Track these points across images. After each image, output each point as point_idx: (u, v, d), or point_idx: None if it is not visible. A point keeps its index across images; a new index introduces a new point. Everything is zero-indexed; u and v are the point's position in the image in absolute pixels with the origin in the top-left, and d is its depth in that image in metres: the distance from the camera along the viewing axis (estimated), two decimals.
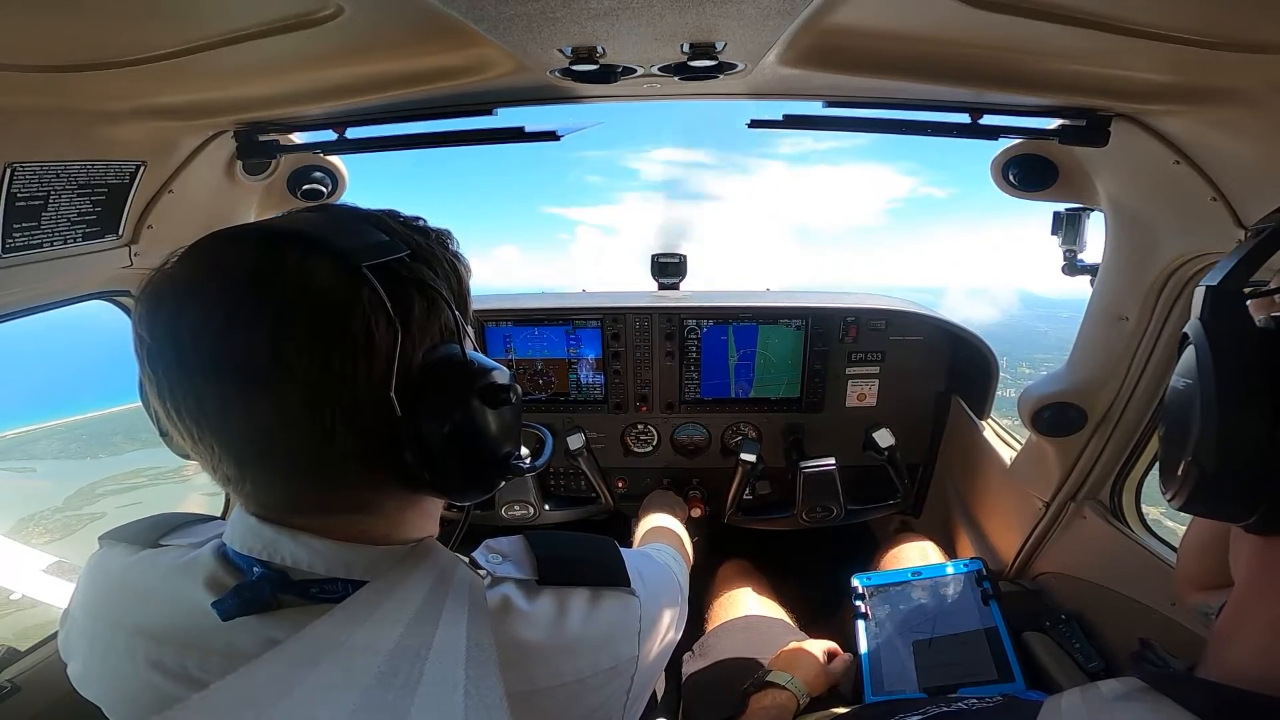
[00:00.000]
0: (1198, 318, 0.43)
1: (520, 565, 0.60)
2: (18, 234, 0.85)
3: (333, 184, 1.40)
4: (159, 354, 0.47)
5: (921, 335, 1.61)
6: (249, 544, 0.51)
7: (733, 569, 1.64)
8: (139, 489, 4.52)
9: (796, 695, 1.05)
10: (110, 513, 4.19)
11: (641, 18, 0.70)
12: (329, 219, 0.52)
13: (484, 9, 0.65)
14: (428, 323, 0.51)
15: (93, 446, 4.97)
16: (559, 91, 1.01)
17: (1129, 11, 0.64)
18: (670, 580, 0.80)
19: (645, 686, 0.67)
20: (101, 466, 4.82)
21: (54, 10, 0.61)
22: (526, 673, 0.54)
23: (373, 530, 0.54)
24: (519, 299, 1.75)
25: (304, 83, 0.92)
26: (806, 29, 0.74)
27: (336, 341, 0.46)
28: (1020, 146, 1.19)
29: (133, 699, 0.53)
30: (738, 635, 1.37)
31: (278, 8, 0.66)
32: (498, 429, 0.54)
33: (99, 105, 0.87)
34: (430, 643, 0.47)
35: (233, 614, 0.48)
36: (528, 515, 1.72)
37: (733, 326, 1.61)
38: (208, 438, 0.47)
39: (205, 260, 0.48)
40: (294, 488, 0.50)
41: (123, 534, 0.61)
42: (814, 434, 1.68)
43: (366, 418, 0.47)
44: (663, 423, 1.70)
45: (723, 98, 1.12)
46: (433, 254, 0.54)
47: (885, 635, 1.21)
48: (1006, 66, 0.83)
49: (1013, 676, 1.10)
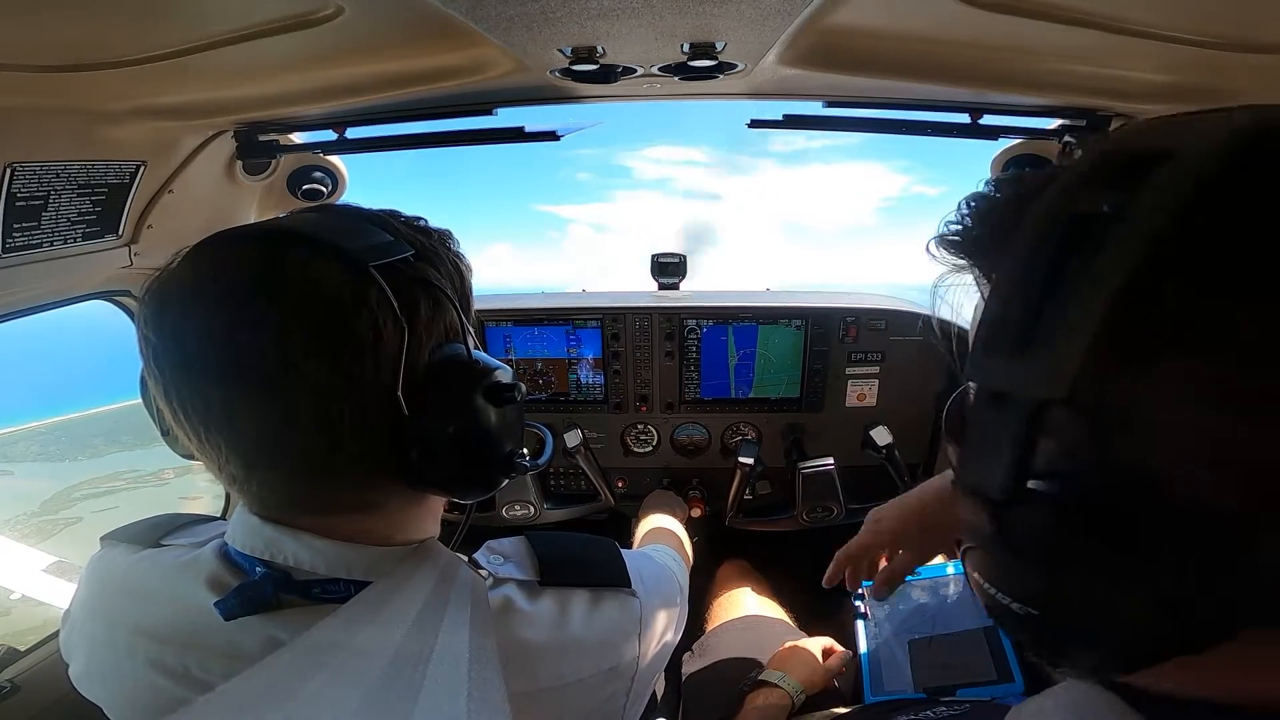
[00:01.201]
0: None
1: (521, 566, 0.61)
2: (18, 234, 0.85)
3: (333, 184, 1.40)
4: (165, 355, 0.47)
5: (921, 335, 1.61)
6: (251, 544, 0.51)
7: (732, 569, 1.64)
8: (116, 493, 4.48)
9: (791, 694, 1.05)
10: (86, 517, 4.15)
11: (641, 18, 0.70)
12: (333, 219, 0.52)
13: (484, 9, 0.65)
14: (433, 322, 0.51)
15: (72, 449, 4.93)
16: (559, 91, 1.01)
17: (1129, 11, 0.64)
18: (670, 581, 0.80)
19: (645, 686, 0.67)
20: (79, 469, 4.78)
21: (54, 10, 0.61)
22: (528, 673, 0.54)
23: (375, 530, 0.54)
24: (519, 299, 1.75)
25: (304, 83, 0.92)
26: (806, 29, 0.74)
27: (344, 342, 0.46)
28: (1020, 146, 1.20)
29: (133, 699, 0.53)
30: (737, 635, 1.37)
31: (278, 8, 0.66)
32: (502, 427, 0.54)
33: (99, 105, 0.87)
34: (433, 645, 0.47)
35: (235, 613, 0.48)
36: (528, 515, 1.72)
37: (733, 326, 1.61)
38: (214, 438, 0.47)
39: (211, 261, 0.48)
40: (298, 487, 0.50)
41: (124, 534, 0.61)
42: (814, 434, 1.68)
43: (373, 417, 0.48)
44: (663, 423, 1.70)
45: (723, 98, 1.12)
46: (436, 254, 0.54)
47: (884, 635, 1.21)
48: (1006, 66, 0.83)
49: (1012, 676, 1.10)
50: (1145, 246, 0.25)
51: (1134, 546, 0.26)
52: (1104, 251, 0.25)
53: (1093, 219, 0.27)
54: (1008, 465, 0.28)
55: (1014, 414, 0.28)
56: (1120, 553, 0.26)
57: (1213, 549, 0.25)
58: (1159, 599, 0.26)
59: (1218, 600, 0.26)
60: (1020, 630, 0.32)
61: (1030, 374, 0.27)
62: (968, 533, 0.33)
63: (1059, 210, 0.29)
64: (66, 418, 5.20)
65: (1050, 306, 0.27)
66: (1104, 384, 0.26)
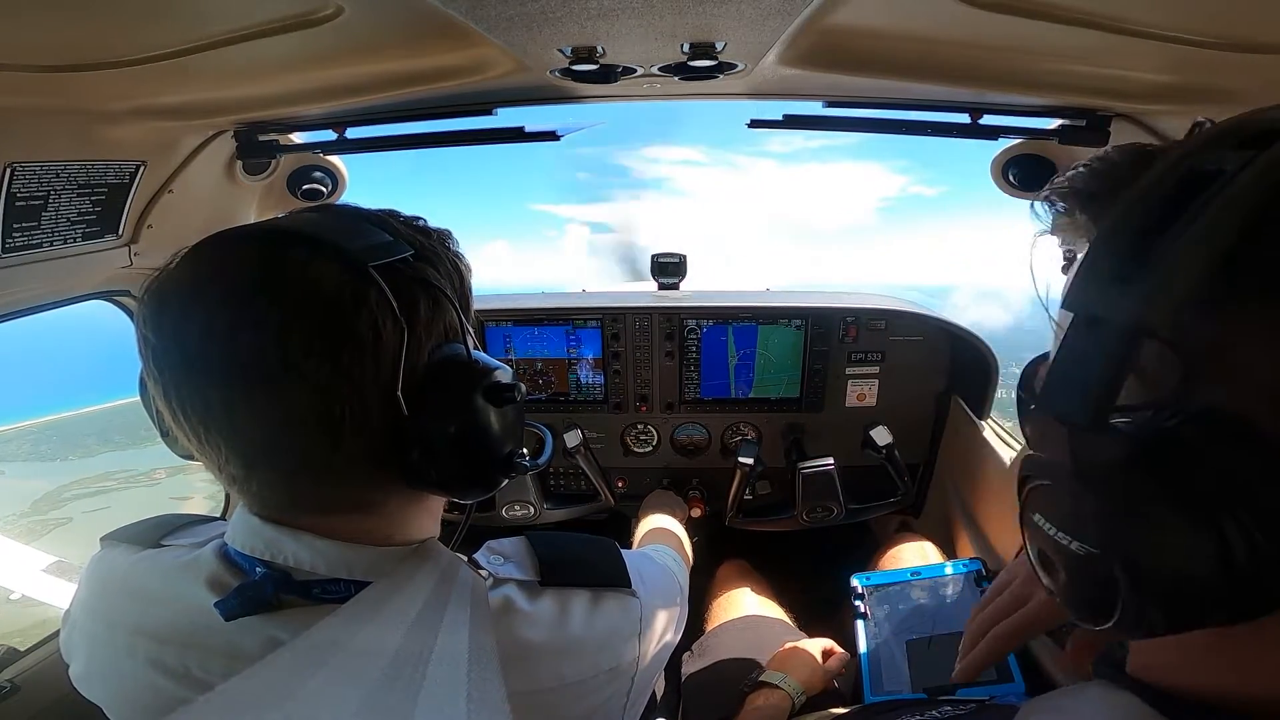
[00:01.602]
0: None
1: (522, 566, 0.61)
2: (18, 234, 0.85)
3: (333, 184, 1.40)
4: (165, 355, 0.47)
5: (921, 335, 1.61)
6: (251, 544, 0.51)
7: (732, 569, 1.64)
8: (107, 493, 4.45)
9: (791, 695, 1.05)
10: (76, 518, 4.13)
11: (641, 18, 0.70)
12: (332, 219, 0.52)
13: (484, 9, 0.65)
14: (432, 322, 0.51)
15: (63, 448, 4.91)
16: (559, 91, 1.01)
17: (1129, 11, 0.64)
18: (670, 581, 0.80)
19: (645, 686, 0.67)
20: (70, 469, 4.76)
21: (54, 10, 0.61)
22: (528, 674, 0.54)
23: (375, 530, 0.54)
24: (519, 299, 1.75)
25: (304, 83, 0.92)
26: (806, 29, 0.74)
27: (344, 342, 0.46)
28: (1020, 146, 1.19)
29: (134, 699, 0.53)
30: (737, 635, 1.37)
31: (278, 8, 0.66)
32: (502, 427, 0.54)
33: (99, 105, 0.87)
34: (433, 644, 0.47)
35: (235, 614, 0.48)
36: (528, 515, 1.72)
37: (732, 326, 1.61)
38: (214, 438, 0.47)
39: (211, 261, 0.48)
40: (299, 487, 0.50)
41: (124, 534, 0.61)
42: (814, 434, 1.68)
43: (373, 417, 0.48)
44: (663, 423, 1.70)
45: (723, 98, 1.12)
46: (435, 254, 0.54)
47: (884, 635, 1.21)
48: (1006, 66, 0.83)
49: (1012, 677, 1.10)
50: (1259, 199, 0.26)
51: (1205, 490, 0.26)
52: (1219, 200, 0.26)
53: (1214, 175, 0.27)
54: (1095, 390, 0.28)
55: (1109, 340, 0.28)
56: (1191, 495, 0.26)
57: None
58: (1219, 550, 0.26)
59: (1276, 560, 0.25)
60: (1074, 573, 0.32)
61: (1131, 303, 0.28)
62: (1037, 468, 0.33)
63: (1181, 164, 0.29)
64: (59, 416, 5.18)
65: (1160, 243, 0.28)
66: (1201, 321, 0.27)
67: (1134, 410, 0.28)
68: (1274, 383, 0.26)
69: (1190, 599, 0.28)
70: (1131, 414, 0.28)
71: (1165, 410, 0.28)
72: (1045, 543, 0.33)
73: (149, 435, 0.57)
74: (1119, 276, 0.28)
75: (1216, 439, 0.26)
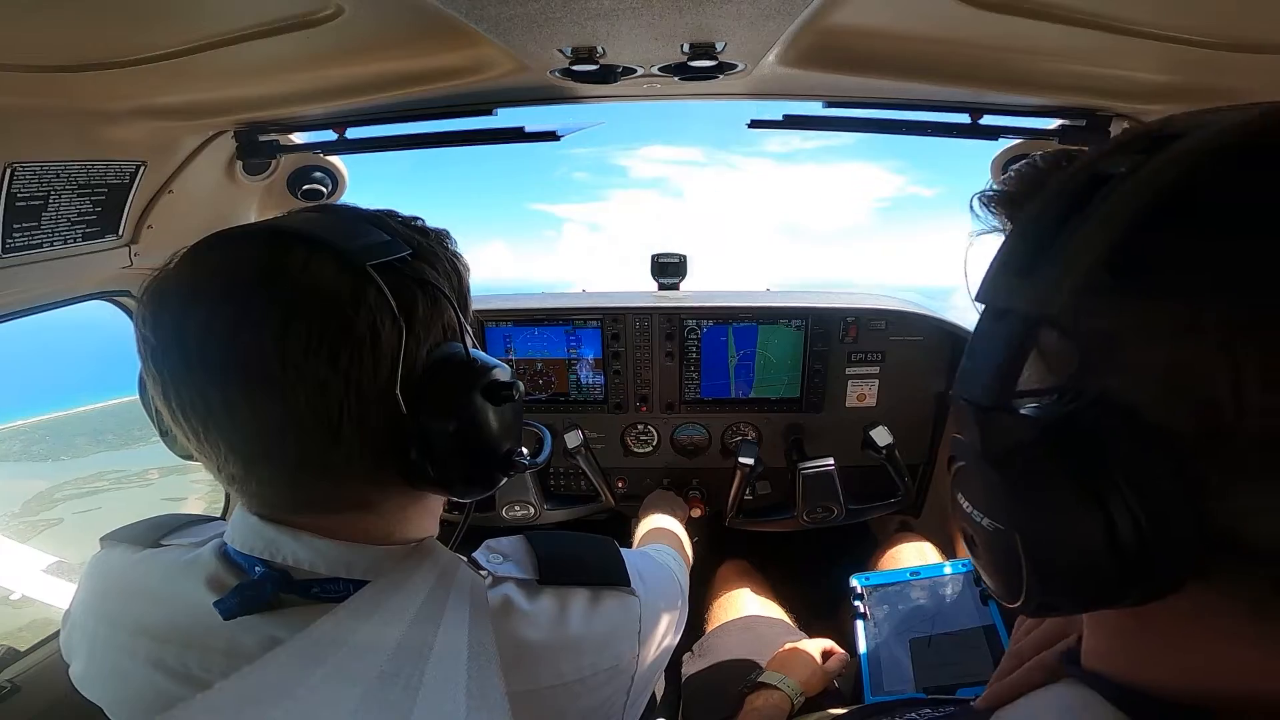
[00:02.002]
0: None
1: (521, 565, 0.61)
2: (18, 234, 0.85)
3: (333, 184, 1.40)
4: (164, 355, 0.47)
5: (921, 335, 1.61)
6: (250, 543, 0.51)
7: (732, 569, 1.64)
8: (100, 493, 4.43)
9: (790, 695, 1.05)
10: (68, 519, 4.11)
11: (641, 18, 0.70)
12: (331, 219, 0.52)
13: (484, 9, 0.65)
14: (431, 321, 0.52)
15: (55, 448, 4.90)
16: (559, 91, 1.02)
17: (1129, 11, 0.64)
18: (670, 580, 0.80)
19: (645, 686, 0.67)
20: (62, 469, 4.74)
21: (54, 10, 0.61)
22: (528, 672, 0.54)
23: (374, 529, 0.54)
24: (518, 299, 1.75)
25: (304, 83, 0.92)
26: (806, 29, 0.74)
27: (343, 341, 0.46)
28: (1020, 147, 1.19)
29: (134, 699, 0.53)
30: (737, 636, 1.37)
31: (278, 8, 0.66)
32: (500, 426, 0.54)
33: (99, 105, 0.87)
34: (432, 643, 0.47)
35: (235, 613, 0.48)
36: (528, 515, 1.72)
37: (733, 327, 1.60)
38: (214, 438, 0.47)
39: (209, 261, 0.48)
40: (298, 486, 0.50)
41: (123, 534, 0.61)
42: (814, 434, 1.68)
43: (372, 416, 0.48)
44: (663, 423, 1.70)
45: (723, 98, 1.12)
46: (433, 253, 0.54)
47: (884, 635, 1.21)
48: (1006, 66, 0.83)
49: None
50: (1146, 198, 0.28)
51: (1094, 472, 0.28)
52: (1111, 198, 0.29)
53: (1110, 176, 0.30)
54: (997, 373, 0.30)
55: (1010, 328, 0.31)
56: (1081, 476, 0.28)
57: (1171, 481, 0.27)
58: (1106, 529, 0.28)
59: (1173, 539, 0.27)
60: (986, 550, 0.34)
61: (1031, 293, 0.30)
62: (958, 449, 0.35)
63: (1089, 166, 0.32)
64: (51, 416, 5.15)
65: (1060, 238, 0.30)
66: (1092, 312, 0.29)
67: (1035, 395, 0.31)
68: (1155, 372, 0.27)
69: (1084, 576, 0.30)
70: (1033, 399, 0.31)
71: (1064, 396, 0.30)
72: (965, 520, 0.35)
73: (142, 435, 0.58)
74: (1022, 269, 0.31)
75: (1105, 424, 0.28)
